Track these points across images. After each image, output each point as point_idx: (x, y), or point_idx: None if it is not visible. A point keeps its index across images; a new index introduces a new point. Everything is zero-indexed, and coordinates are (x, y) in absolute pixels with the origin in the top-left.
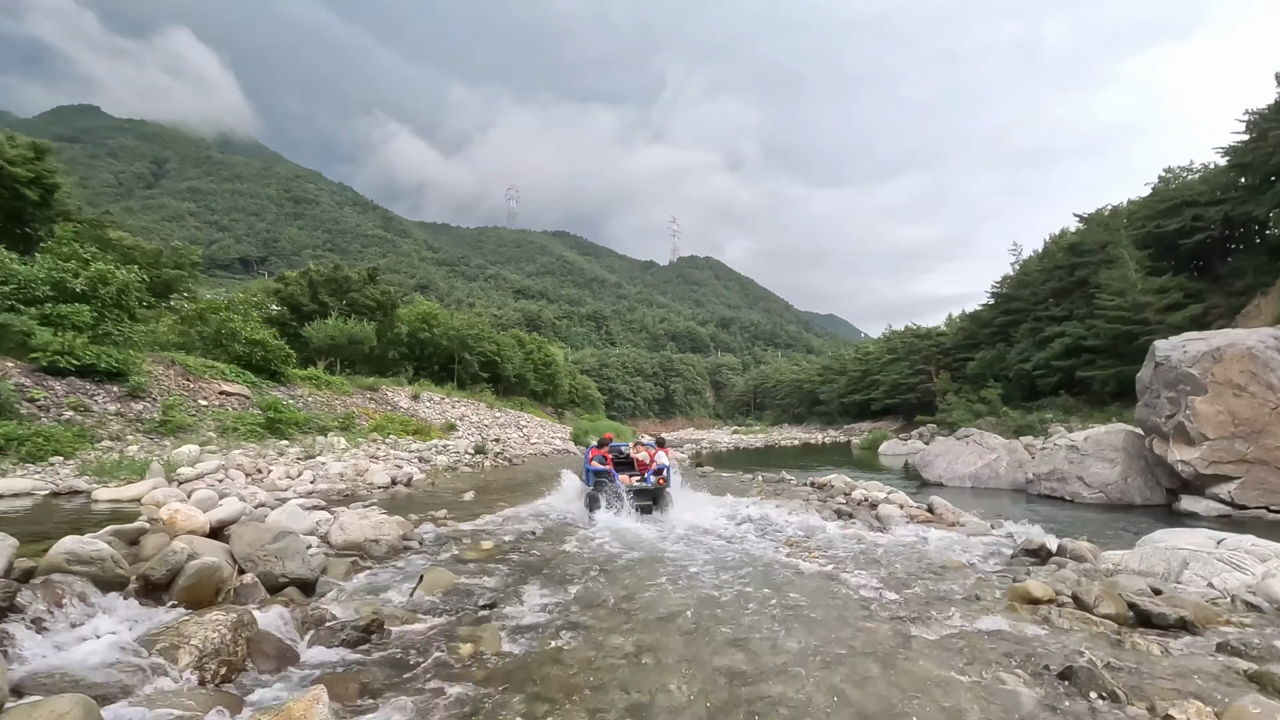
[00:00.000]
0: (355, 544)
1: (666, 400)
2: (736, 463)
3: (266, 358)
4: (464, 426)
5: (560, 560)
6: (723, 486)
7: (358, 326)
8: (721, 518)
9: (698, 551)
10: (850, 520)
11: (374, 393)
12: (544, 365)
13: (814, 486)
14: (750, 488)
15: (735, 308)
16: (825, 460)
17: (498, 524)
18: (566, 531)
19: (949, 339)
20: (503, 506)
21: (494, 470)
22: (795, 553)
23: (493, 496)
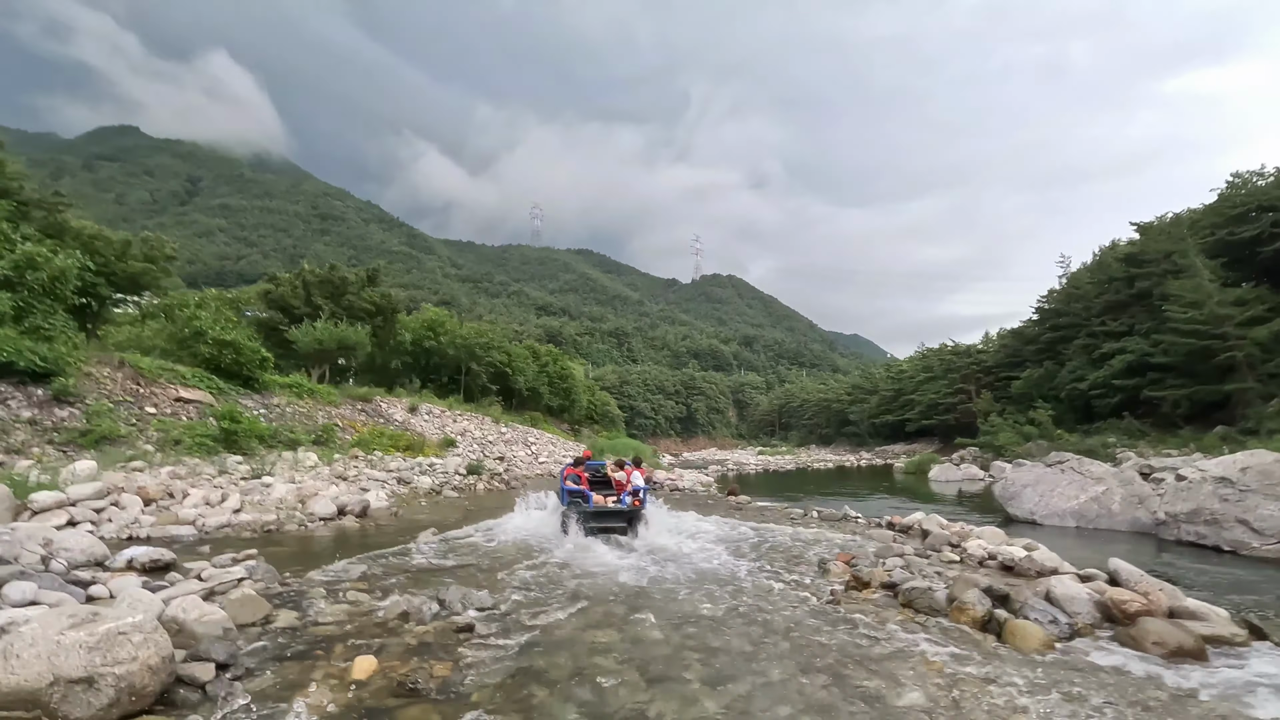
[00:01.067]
0: (25, 695)
1: (688, 419)
2: (771, 488)
3: (238, 361)
4: (465, 443)
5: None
6: (773, 525)
7: (350, 331)
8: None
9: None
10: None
11: (366, 404)
12: (560, 378)
13: (895, 529)
14: (806, 528)
15: (758, 326)
16: (866, 486)
17: (426, 600)
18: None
19: (990, 357)
20: (462, 557)
21: (487, 495)
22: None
23: (465, 534)
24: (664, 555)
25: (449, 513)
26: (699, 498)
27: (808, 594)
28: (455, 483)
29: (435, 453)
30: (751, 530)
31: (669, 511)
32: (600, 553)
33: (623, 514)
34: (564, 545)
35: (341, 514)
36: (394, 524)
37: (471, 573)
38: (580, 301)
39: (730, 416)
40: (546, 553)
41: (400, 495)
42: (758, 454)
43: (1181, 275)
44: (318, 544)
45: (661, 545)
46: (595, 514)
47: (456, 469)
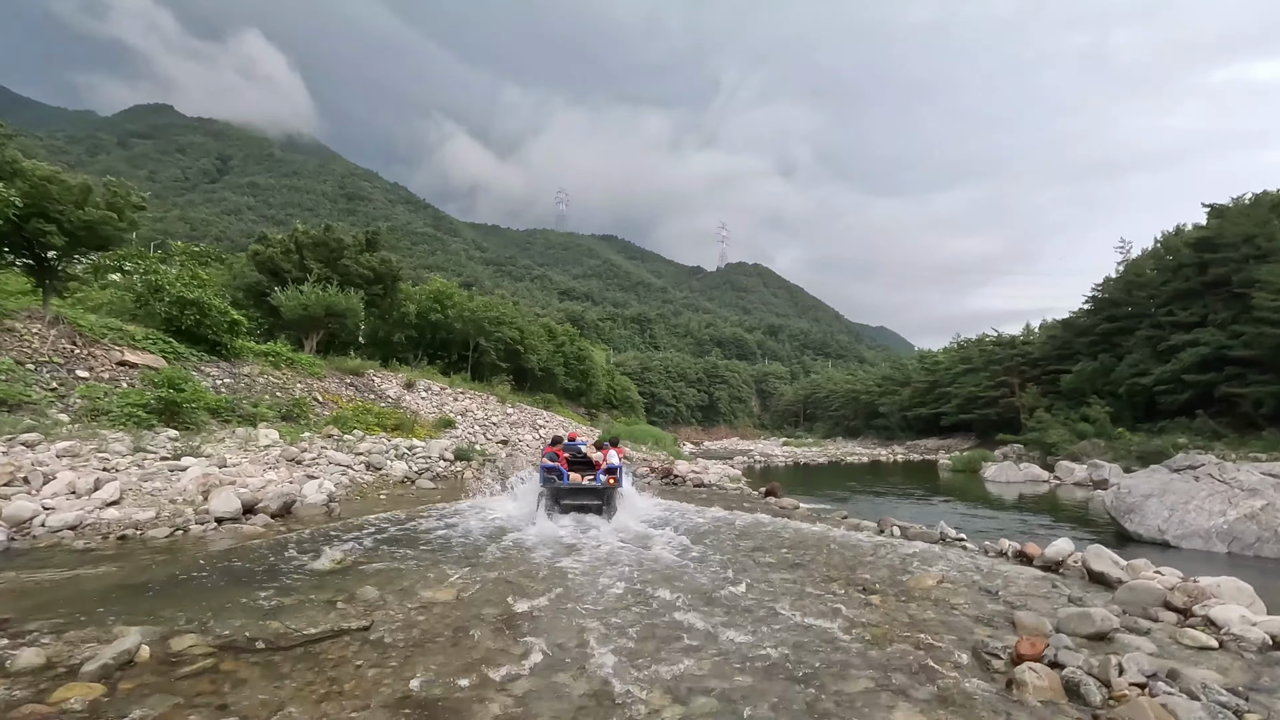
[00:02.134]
0: None
1: (710, 407)
2: (807, 484)
3: (202, 323)
4: (465, 424)
5: None
6: (845, 549)
7: (340, 296)
8: None
9: None
10: None
11: (357, 378)
12: (576, 359)
13: (1037, 564)
14: (889, 550)
15: (784, 316)
16: (911, 485)
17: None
18: None
19: (1036, 349)
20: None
21: (476, 484)
22: None
23: (412, 544)
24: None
25: (413, 506)
26: (727, 496)
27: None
28: (439, 469)
29: (429, 433)
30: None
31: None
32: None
33: (596, 491)
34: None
35: (249, 512)
36: (319, 525)
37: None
38: (604, 287)
39: (753, 406)
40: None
41: (361, 485)
42: (782, 445)
43: (1269, 260)
44: (143, 569)
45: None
46: (569, 491)
47: (442, 453)
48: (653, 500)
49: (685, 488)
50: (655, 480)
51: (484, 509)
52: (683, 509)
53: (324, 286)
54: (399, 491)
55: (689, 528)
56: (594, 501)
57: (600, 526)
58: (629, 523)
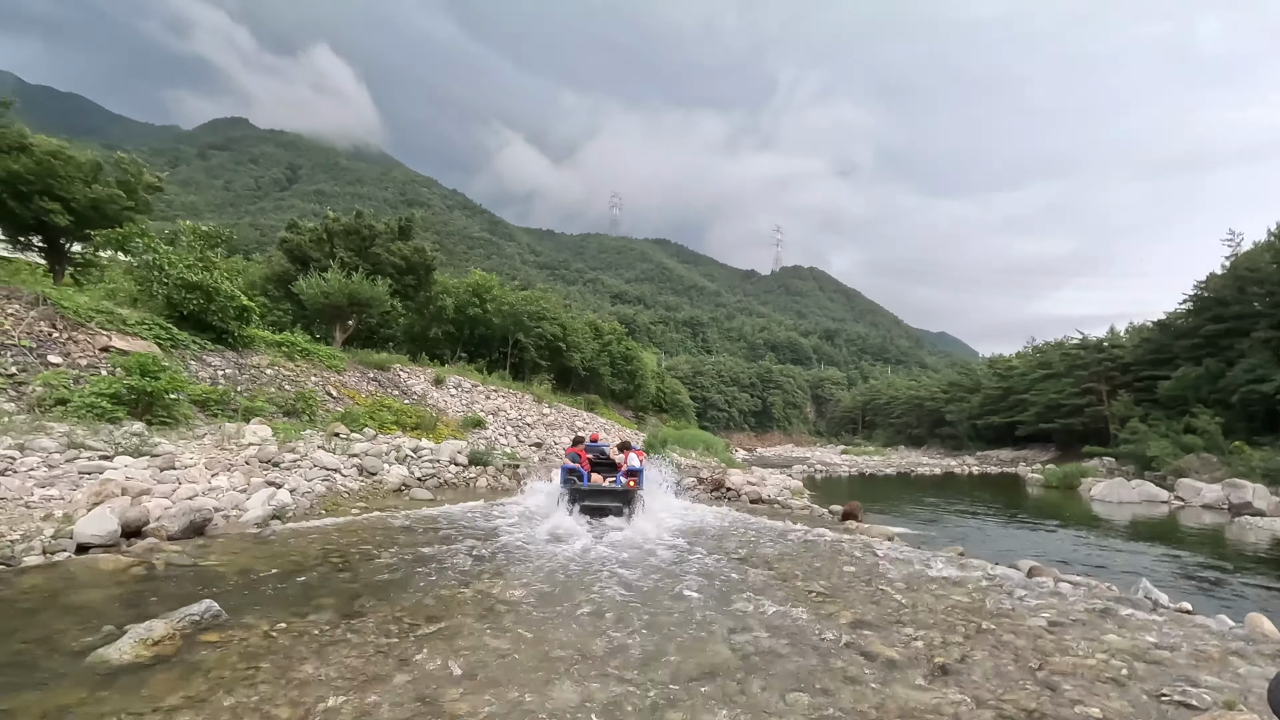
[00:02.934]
0: None
1: (763, 413)
2: (880, 499)
3: (207, 308)
4: (496, 424)
5: None
6: (1003, 618)
7: (363, 284)
8: None
9: None
10: None
11: (382, 372)
12: (623, 359)
13: None
14: (1076, 622)
15: (840, 320)
16: (998, 503)
17: None
18: None
19: (1126, 353)
20: None
21: (490, 494)
22: None
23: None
24: None
25: (392, 531)
26: (793, 515)
27: None
28: (448, 475)
29: (454, 433)
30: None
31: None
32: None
33: (617, 494)
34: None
35: (134, 535)
36: (219, 557)
37: None
38: (656, 291)
39: (808, 412)
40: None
41: (339, 494)
42: (841, 453)
43: None
44: None
45: None
46: (589, 492)
47: (454, 456)
48: (695, 514)
49: (740, 503)
50: (704, 493)
51: (478, 522)
52: (735, 523)
53: (349, 273)
54: (389, 503)
55: (733, 554)
56: (614, 504)
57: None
58: (657, 550)
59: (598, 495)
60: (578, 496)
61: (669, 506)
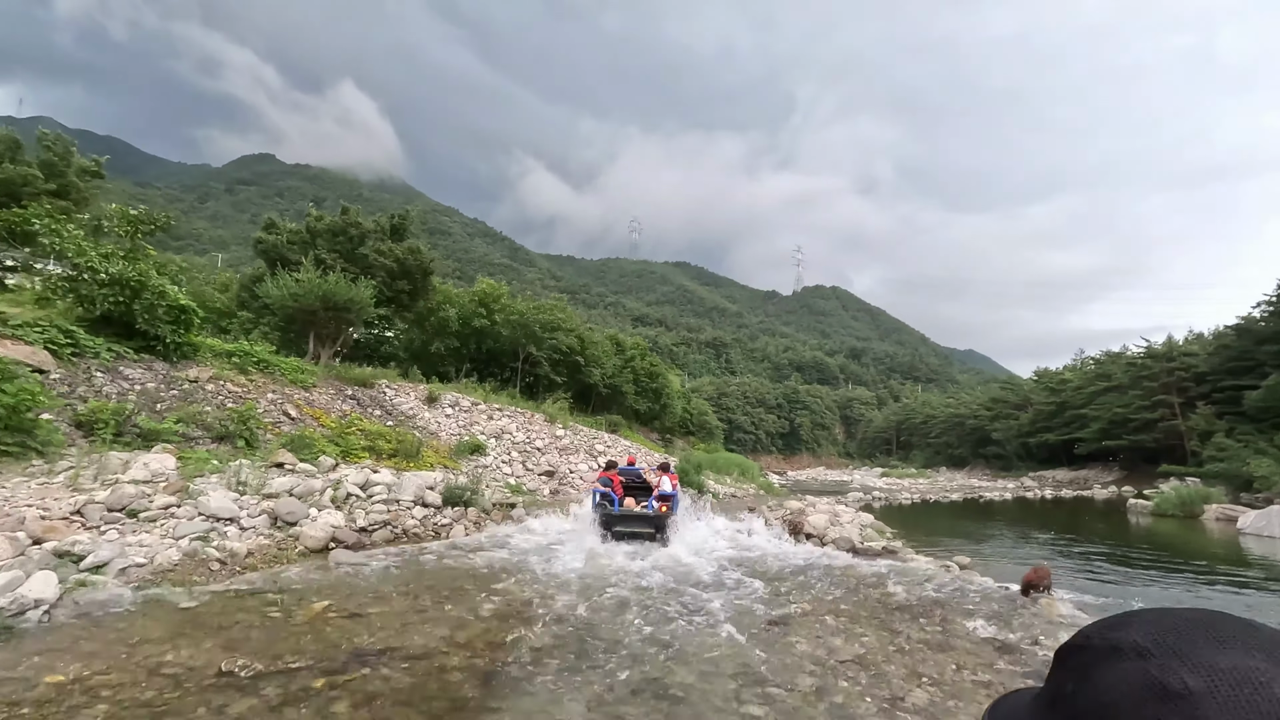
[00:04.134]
0: None
1: (791, 435)
2: (971, 533)
3: (128, 308)
4: (499, 449)
5: None
6: None
7: (340, 284)
8: None
9: None
10: None
11: (363, 389)
12: (648, 376)
13: None
14: None
15: (865, 340)
16: (1111, 537)
17: None
18: None
19: (1200, 361)
20: None
21: (468, 540)
22: None
23: None
24: None
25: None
26: (914, 575)
27: None
28: (410, 521)
29: (445, 460)
30: None
31: None
32: None
33: (649, 519)
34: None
35: None
36: None
37: None
38: (677, 313)
39: (836, 434)
40: None
41: (211, 562)
42: (881, 476)
43: None
44: None
45: None
46: (621, 517)
47: (421, 493)
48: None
49: (807, 549)
50: (784, 535)
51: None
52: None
53: (324, 272)
54: (293, 568)
55: None
56: (646, 529)
57: None
58: None
59: (629, 520)
60: (609, 521)
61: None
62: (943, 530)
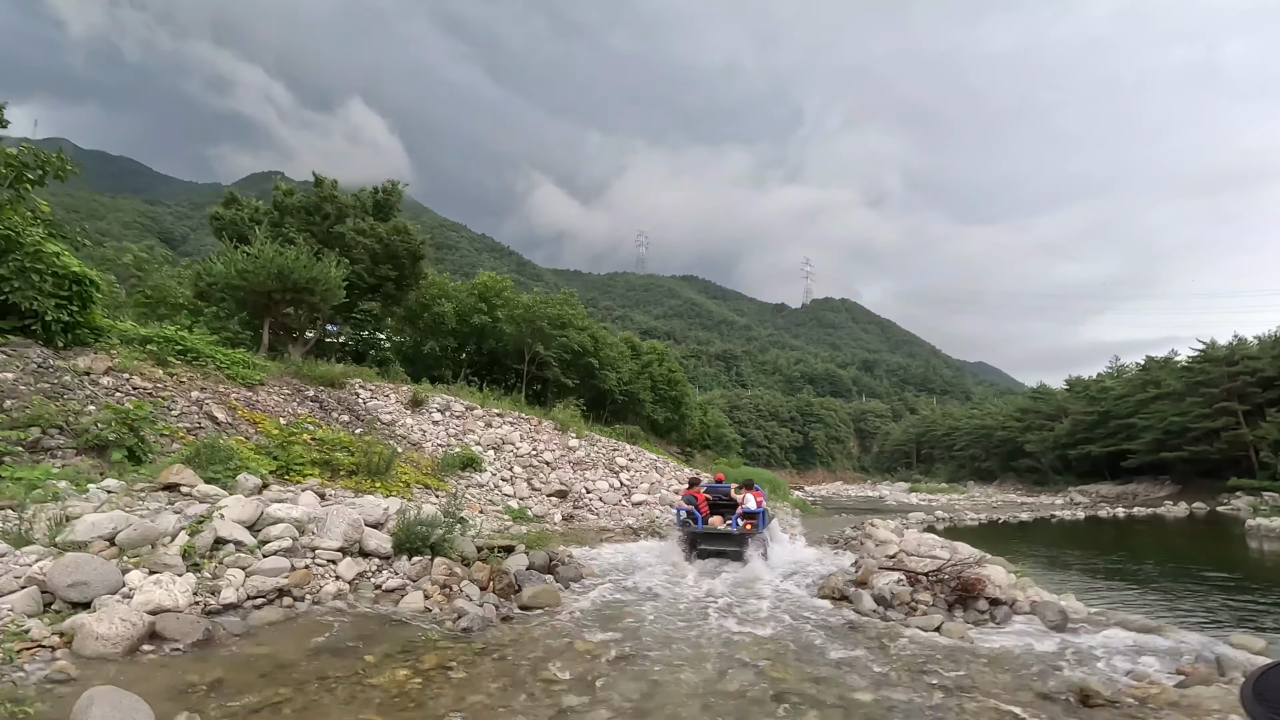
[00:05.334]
0: None
1: (805, 448)
2: (1076, 564)
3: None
4: (499, 462)
5: None
6: None
7: (301, 260)
8: None
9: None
10: None
11: (331, 389)
12: (666, 383)
13: None
14: None
15: (875, 352)
16: (1243, 568)
17: None
18: None
19: (1265, 364)
20: None
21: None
22: None
23: None
24: None
25: None
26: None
27: None
28: (327, 589)
29: (425, 479)
30: None
31: None
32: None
33: (733, 537)
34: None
35: None
36: None
37: None
38: (686, 326)
39: (851, 447)
40: None
41: None
42: (909, 490)
43: None
44: None
45: None
46: (705, 535)
47: (357, 535)
48: None
49: (1008, 627)
50: (940, 599)
51: None
52: None
53: (283, 245)
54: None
55: None
56: (731, 547)
57: None
58: None
59: (713, 538)
60: (694, 540)
61: None
62: (1066, 566)
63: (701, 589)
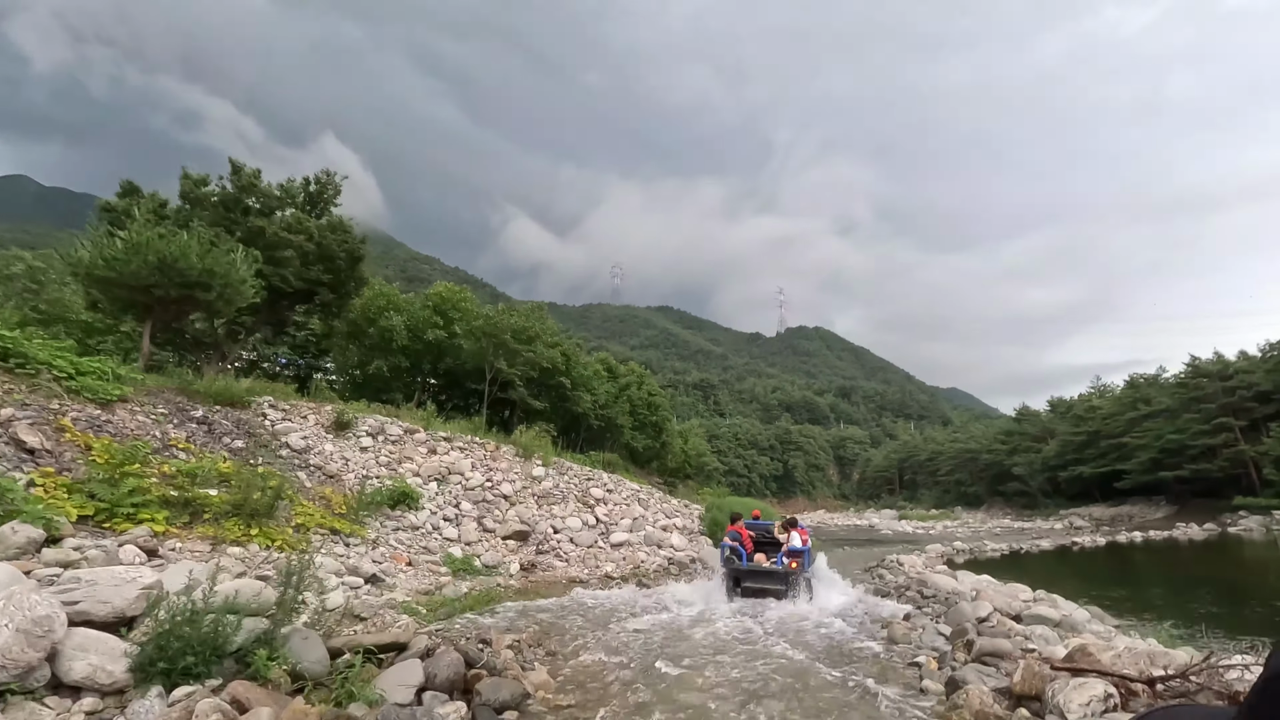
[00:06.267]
0: None
1: (785, 477)
2: (1161, 604)
3: None
4: (443, 496)
5: None
6: None
7: (192, 246)
8: None
9: None
10: None
11: (231, 408)
12: (647, 408)
13: None
14: None
15: (851, 379)
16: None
17: None
18: None
19: (1260, 378)
20: None
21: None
22: None
23: None
24: None
25: None
26: None
27: None
28: None
29: (335, 522)
30: None
31: None
32: None
33: (778, 575)
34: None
35: None
36: None
37: None
38: (662, 357)
39: (831, 474)
40: None
41: None
42: (900, 519)
43: None
44: None
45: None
46: (749, 572)
47: (43, 668)
48: None
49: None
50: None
51: None
52: None
53: (161, 232)
54: None
55: None
56: (776, 585)
57: None
58: None
59: (758, 576)
60: (738, 577)
61: None
62: (1153, 606)
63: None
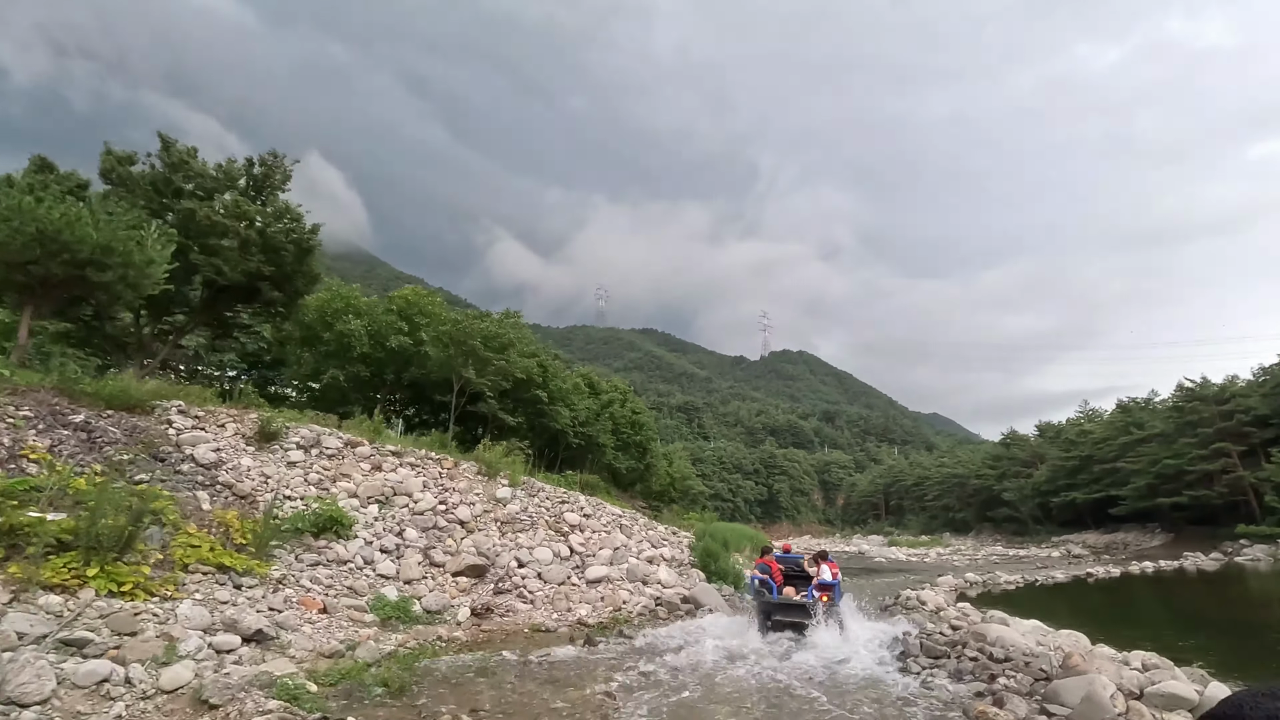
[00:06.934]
0: None
1: (770, 501)
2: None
3: None
4: (386, 522)
5: None
6: None
7: (83, 215)
8: None
9: None
10: None
11: (127, 414)
12: (630, 426)
13: None
14: None
15: (834, 403)
16: None
17: None
18: None
19: (1259, 402)
20: None
21: None
22: None
23: None
24: None
25: None
26: None
27: None
28: None
29: (228, 557)
30: None
31: None
32: None
33: (808, 609)
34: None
35: None
36: None
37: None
38: (646, 379)
39: (816, 499)
40: None
41: None
42: (890, 545)
43: None
44: None
45: None
46: (779, 606)
47: None
48: None
49: None
50: None
51: None
52: None
53: (53, 198)
54: None
55: None
56: (805, 620)
57: None
58: None
59: (788, 610)
60: (768, 611)
61: None
62: (1229, 663)
63: None
